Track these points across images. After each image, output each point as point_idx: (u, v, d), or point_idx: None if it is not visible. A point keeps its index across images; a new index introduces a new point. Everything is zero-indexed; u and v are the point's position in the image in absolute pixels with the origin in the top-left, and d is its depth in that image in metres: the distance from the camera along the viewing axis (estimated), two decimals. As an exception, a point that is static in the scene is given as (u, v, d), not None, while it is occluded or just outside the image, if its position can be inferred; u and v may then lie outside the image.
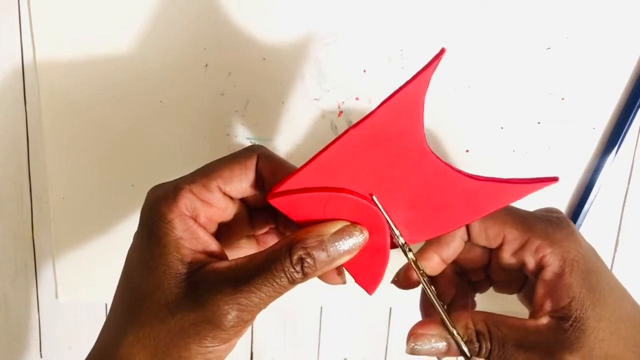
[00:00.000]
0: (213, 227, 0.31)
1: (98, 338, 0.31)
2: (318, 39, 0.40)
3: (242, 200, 0.32)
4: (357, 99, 0.41)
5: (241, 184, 0.30)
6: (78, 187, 0.42)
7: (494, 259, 0.33)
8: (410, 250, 0.31)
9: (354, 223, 0.29)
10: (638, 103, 0.42)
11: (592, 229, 0.44)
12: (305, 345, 0.46)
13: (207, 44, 0.40)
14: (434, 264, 0.33)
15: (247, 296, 0.27)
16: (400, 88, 0.29)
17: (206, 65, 0.40)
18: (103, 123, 0.41)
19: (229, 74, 0.40)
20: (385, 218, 0.30)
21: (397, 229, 0.30)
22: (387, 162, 0.29)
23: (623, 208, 0.44)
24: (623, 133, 0.42)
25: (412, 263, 0.31)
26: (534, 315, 0.31)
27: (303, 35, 0.40)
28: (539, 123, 0.42)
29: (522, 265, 0.32)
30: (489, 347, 0.30)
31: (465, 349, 0.30)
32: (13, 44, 0.40)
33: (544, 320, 0.30)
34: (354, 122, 0.41)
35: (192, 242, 0.29)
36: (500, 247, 0.32)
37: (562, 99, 0.42)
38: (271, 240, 0.34)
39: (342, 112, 0.41)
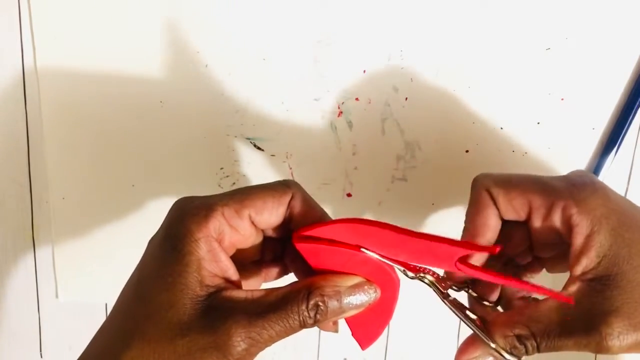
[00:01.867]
0: (232, 252, 0.31)
1: (94, 341, 0.30)
2: (318, 39, 0.40)
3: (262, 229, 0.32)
4: (357, 99, 0.41)
5: (271, 217, 0.30)
6: (78, 187, 0.42)
7: (532, 235, 0.32)
8: (431, 275, 0.31)
9: (369, 281, 0.30)
10: (637, 103, 0.42)
11: (591, 229, 0.44)
12: (305, 345, 0.46)
13: (207, 44, 0.40)
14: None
15: (259, 331, 0.27)
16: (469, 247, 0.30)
17: (206, 65, 0.40)
18: (103, 123, 0.41)
19: (228, 74, 0.40)
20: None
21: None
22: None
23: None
24: (622, 133, 0.42)
25: (432, 285, 0.31)
26: (567, 285, 0.29)
27: (303, 35, 0.40)
28: (538, 123, 0.42)
29: (557, 233, 0.30)
30: (536, 344, 0.29)
31: (510, 357, 0.29)
32: (13, 44, 0.40)
33: (576, 287, 0.29)
34: (354, 122, 0.41)
35: (212, 265, 0.28)
36: (529, 217, 0.31)
37: (562, 99, 0.42)
38: (274, 271, 0.34)
39: (341, 112, 0.41)
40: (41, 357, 0.45)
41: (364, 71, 0.41)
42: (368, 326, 0.32)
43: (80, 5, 0.39)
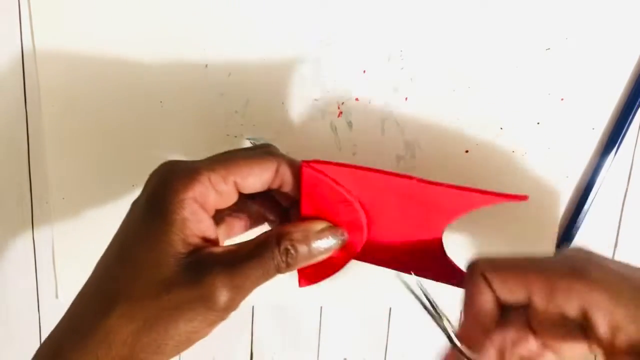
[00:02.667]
0: (212, 213, 0.31)
1: (75, 306, 0.30)
2: (318, 39, 0.40)
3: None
4: (356, 99, 0.41)
5: (255, 184, 0.31)
6: (78, 187, 0.42)
7: (535, 317, 0.30)
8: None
9: (336, 226, 0.31)
10: (637, 103, 0.42)
11: (591, 229, 0.44)
12: (305, 345, 0.46)
13: (207, 44, 0.40)
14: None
15: (240, 279, 0.29)
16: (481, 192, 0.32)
17: (206, 66, 0.40)
18: (103, 123, 0.41)
19: (229, 74, 0.40)
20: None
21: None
22: (401, 206, 0.32)
23: (622, 208, 0.44)
24: (622, 133, 0.42)
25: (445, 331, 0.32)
26: None
27: (303, 35, 0.40)
28: (538, 123, 0.42)
29: (562, 314, 0.29)
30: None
31: None
32: (13, 44, 0.40)
33: None
34: (354, 122, 0.42)
35: (195, 225, 0.29)
36: (531, 300, 0.30)
37: (562, 99, 0.42)
38: (241, 224, 0.35)
39: (341, 112, 0.41)
40: (41, 357, 0.46)
41: (364, 71, 0.41)
42: (316, 268, 0.33)
43: (80, 5, 0.39)
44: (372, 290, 0.45)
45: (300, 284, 0.34)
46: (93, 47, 0.40)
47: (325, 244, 0.31)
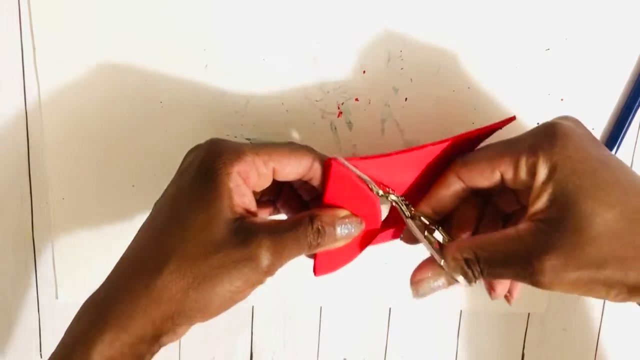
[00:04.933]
0: (251, 192, 0.34)
1: (119, 267, 0.33)
2: (318, 39, 0.40)
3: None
4: (356, 99, 0.41)
5: (290, 173, 0.34)
6: (78, 187, 0.42)
7: (514, 191, 0.35)
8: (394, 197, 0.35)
9: (355, 214, 0.34)
10: (637, 104, 0.42)
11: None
12: (305, 345, 0.46)
13: (207, 44, 0.40)
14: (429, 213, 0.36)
15: (280, 247, 0.32)
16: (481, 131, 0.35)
17: (206, 66, 0.40)
18: (103, 123, 0.41)
19: (229, 74, 0.40)
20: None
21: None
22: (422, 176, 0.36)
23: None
24: (622, 133, 0.42)
25: (397, 203, 0.35)
26: (519, 222, 0.32)
27: (303, 35, 0.40)
28: (538, 123, 0.42)
29: (527, 185, 0.32)
30: (479, 269, 0.32)
31: (460, 280, 0.32)
32: (13, 44, 0.40)
33: (524, 225, 0.31)
34: (354, 122, 0.42)
35: (240, 198, 0.32)
36: (502, 177, 0.33)
37: (562, 99, 0.42)
38: (267, 210, 0.39)
39: (341, 112, 0.41)
40: (41, 357, 0.45)
41: (364, 71, 0.41)
42: (332, 258, 0.36)
43: (80, 6, 0.39)
44: (372, 290, 0.45)
45: (316, 273, 0.36)
46: (93, 47, 0.40)
47: (347, 229, 0.34)
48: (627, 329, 0.47)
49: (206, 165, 0.32)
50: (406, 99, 0.41)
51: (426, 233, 0.35)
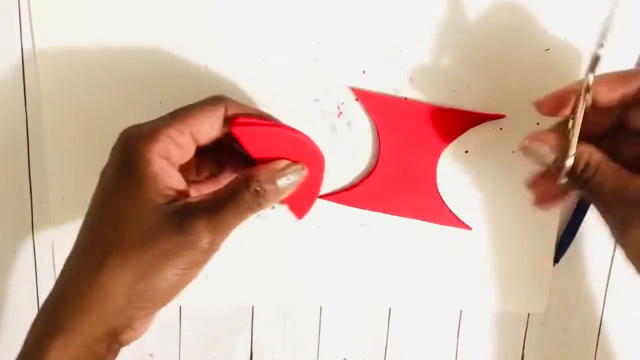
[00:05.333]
0: (177, 167, 0.34)
1: (66, 269, 0.32)
2: (318, 39, 0.40)
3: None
4: (356, 99, 0.41)
5: (210, 132, 0.33)
6: (78, 187, 0.42)
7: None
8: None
9: (295, 161, 0.34)
10: (637, 104, 0.42)
11: (591, 229, 0.44)
12: (305, 345, 0.46)
13: (207, 44, 0.40)
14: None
15: (219, 222, 0.31)
16: None
17: (206, 66, 0.40)
18: (103, 123, 0.41)
19: (229, 74, 0.40)
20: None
21: None
22: None
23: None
24: (622, 134, 0.42)
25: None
26: None
27: (303, 35, 0.40)
28: (538, 124, 0.42)
29: None
30: (584, 181, 0.32)
31: (565, 171, 0.32)
32: (13, 44, 0.40)
33: None
34: (353, 123, 0.42)
35: (167, 180, 0.32)
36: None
37: (562, 99, 0.42)
38: (206, 189, 0.37)
39: (341, 112, 0.41)
40: (41, 357, 0.45)
41: (364, 71, 0.41)
42: (302, 199, 0.37)
43: (80, 6, 0.39)
44: (372, 290, 0.45)
45: (298, 217, 0.38)
46: (93, 47, 0.40)
47: (289, 180, 0.34)
48: (627, 329, 0.47)
49: (124, 160, 0.32)
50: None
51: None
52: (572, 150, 0.31)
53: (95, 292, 0.30)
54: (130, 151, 0.32)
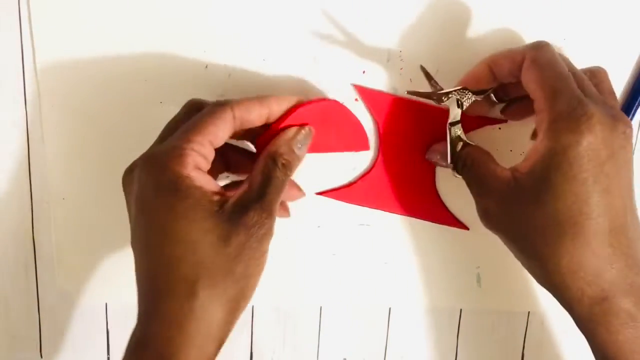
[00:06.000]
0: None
1: (147, 310, 0.33)
2: (318, 39, 0.40)
3: None
4: (356, 100, 0.41)
5: (224, 135, 0.35)
6: (78, 187, 0.42)
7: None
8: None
9: (301, 125, 0.37)
10: (637, 103, 0.42)
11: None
12: (305, 345, 0.46)
13: (207, 45, 0.40)
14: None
15: (268, 205, 0.33)
16: None
17: (206, 66, 0.40)
18: (103, 123, 0.41)
19: (228, 75, 0.40)
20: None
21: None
22: None
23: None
24: (622, 134, 0.42)
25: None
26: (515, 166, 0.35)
27: (303, 36, 0.40)
28: (538, 123, 0.42)
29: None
30: (465, 176, 0.38)
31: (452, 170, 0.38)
32: (13, 44, 0.40)
33: (507, 174, 0.35)
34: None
35: (209, 188, 0.33)
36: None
37: (561, 99, 0.42)
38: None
39: (341, 112, 0.41)
40: (41, 357, 0.45)
41: (364, 71, 0.41)
42: (350, 137, 0.41)
43: (80, 6, 0.39)
44: (372, 290, 0.45)
45: (367, 148, 0.42)
46: (93, 47, 0.40)
47: (303, 143, 0.37)
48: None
49: (162, 182, 0.32)
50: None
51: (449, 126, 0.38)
52: (449, 157, 0.38)
53: (197, 318, 0.32)
54: (166, 173, 0.32)
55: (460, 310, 0.46)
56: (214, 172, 0.37)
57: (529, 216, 0.33)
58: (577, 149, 0.32)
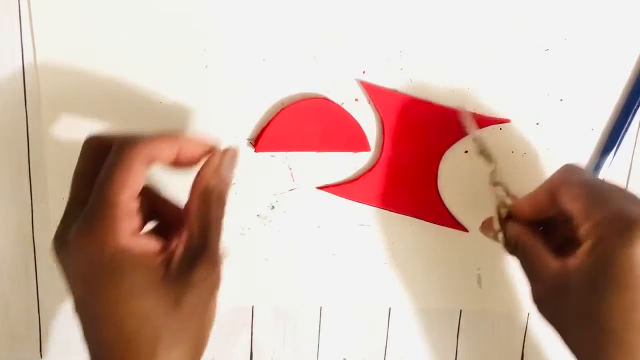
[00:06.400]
0: (140, 234, 0.33)
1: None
2: (318, 39, 0.40)
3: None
4: (356, 100, 0.41)
5: (142, 182, 0.32)
6: (78, 187, 0.42)
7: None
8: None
9: (226, 150, 0.34)
10: (637, 104, 0.42)
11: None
12: (305, 345, 0.46)
13: (207, 45, 0.40)
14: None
15: (212, 251, 0.32)
16: None
17: (206, 66, 0.40)
18: (103, 123, 0.41)
19: (228, 75, 0.40)
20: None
21: None
22: None
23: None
24: (622, 134, 0.42)
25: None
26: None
27: (303, 36, 0.40)
28: (537, 124, 0.42)
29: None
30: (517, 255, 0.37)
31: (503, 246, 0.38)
32: (13, 44, 0.40)
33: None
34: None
35: (150, 250, 0.32)
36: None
37: (561, 100, 0.42)
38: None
39: (341, 112, 0.41)
40: (41, 357, 0.45)
41: (364, 71, 0.41)
42: (348, 139, 0.41)
43: (80, 6, 0.39)
44: (372, 290, 0.45)
45: (368, 149, 0.42)
46: (93, 47, 0.40)
47: (231, 166, 0.34)
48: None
49: (103, 262, 0.30)
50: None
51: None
52: (500, 235, 0.38)
53: None
54: (104, 252, 0.30)
55: (460, 311, 0.46)
56: (144, 220, 0.34)
57: (576, 314, 0.32)
58: (626, 254, 0.30)
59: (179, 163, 0.33)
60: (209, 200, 0.32)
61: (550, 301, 0.34)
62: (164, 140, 0.32)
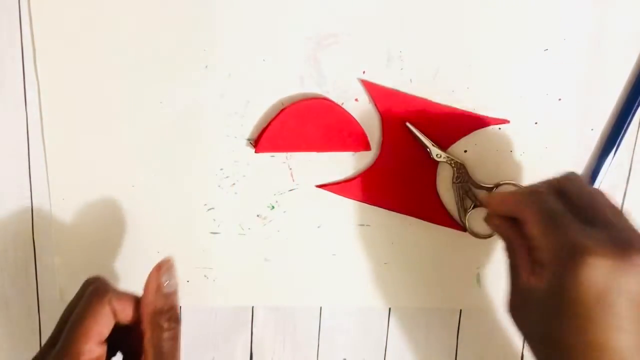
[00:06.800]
0: None
1: None
2: (318, 39, 0.40)
3: None
4: (356, 100, 0.41)
5: (107, 331, 0.33)
6: (78, 187, 0.42)
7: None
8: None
9: (158, 266, 0.34)
10: (636, 104, 0.42)
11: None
12: (305, 345, 0.46)
13: (207, 45, 0.40)
14: None
15: None
16: None
17: (206, 66, 0.40)
18: (103, 123, 0.41)
19: (228, 75, 0.41)
20: None
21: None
22: None
23: (621, 209, 0.44)
24: (621, 134, 0.42)
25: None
26: None
27: (303, 36, 0.40)
28: (536, 123, 0.42)
29: None
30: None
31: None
32: (13, 43, 0.40)
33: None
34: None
35: None
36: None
37: (560, 99, 0.42)
38: None
39: (341, 112, 0.42)
40: (41, 357, 0.45)
41: (364, 71, 0.41)
42: (348, 138, 0.41)
43: (80, 6, 0.39)
44: (372, 290, 0.45)
45: (369, 148, 0.42)
46: (93, 48, 0.40)
47: (170, 277, 0.34)
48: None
49: None
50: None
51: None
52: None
53: None
54: None
55: (460, 310, 0.46)
56: (111, 355, 0.36)
57: (537, 329, 0.34)
58: (576, 282, 0.32)
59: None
60: (160, 325, 0.33)
61: (520, 310, 0.36)
62: (131, 300, 0.34)
